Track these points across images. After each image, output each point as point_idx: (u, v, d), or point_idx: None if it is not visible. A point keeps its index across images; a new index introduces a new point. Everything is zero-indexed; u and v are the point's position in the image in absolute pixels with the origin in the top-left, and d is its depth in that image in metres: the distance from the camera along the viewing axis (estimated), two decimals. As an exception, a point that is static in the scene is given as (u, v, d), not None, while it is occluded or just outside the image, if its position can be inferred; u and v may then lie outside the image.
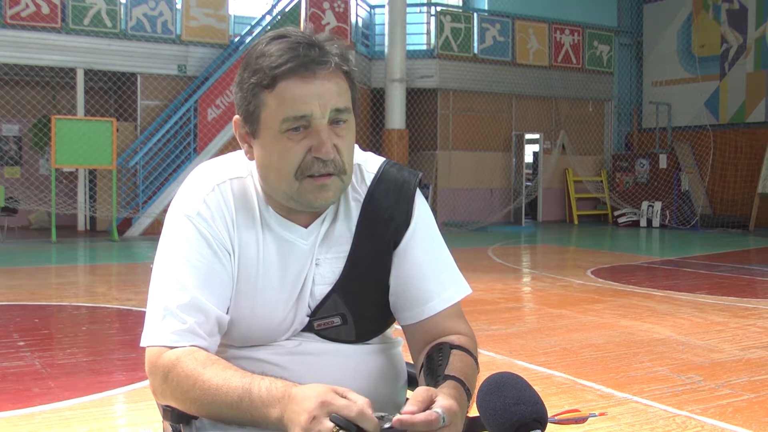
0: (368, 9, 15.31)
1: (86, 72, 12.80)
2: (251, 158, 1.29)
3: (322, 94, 1.20)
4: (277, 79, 1.19)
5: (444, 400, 1.06)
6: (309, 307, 1.31)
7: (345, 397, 1.03)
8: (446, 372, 1.20)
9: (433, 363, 1.24)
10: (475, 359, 1.30)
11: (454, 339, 1.30)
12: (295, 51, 1.20)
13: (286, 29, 1.25)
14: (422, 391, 1.07)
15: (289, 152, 1.22)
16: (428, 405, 1.05)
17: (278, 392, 1.09)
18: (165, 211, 1.80)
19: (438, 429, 1.02)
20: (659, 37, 17.20)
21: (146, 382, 1.26)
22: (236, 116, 1.28)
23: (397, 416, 1.01)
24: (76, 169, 12.55)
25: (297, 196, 1.25)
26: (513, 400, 0.99)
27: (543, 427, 0.99)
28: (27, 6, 12.11)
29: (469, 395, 1.18)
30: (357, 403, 1.00)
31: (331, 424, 1.00)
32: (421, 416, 1.01)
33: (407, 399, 1.45)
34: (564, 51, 16.73)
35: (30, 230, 13.29)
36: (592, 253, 10.87)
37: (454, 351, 1.26)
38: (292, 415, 1.04)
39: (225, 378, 1.14)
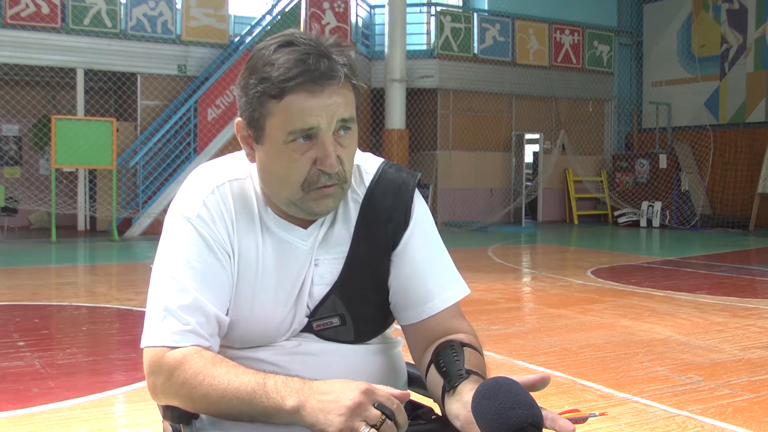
0: (368, 9, 15.31)
1: (86, 72, 12.80)
2: (252, 161, 1.29)
3: (329, 107, 1.20)
4: (286, 92, 1.19)
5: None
6: (308, 307, 1.31)
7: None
8: (467, 367, 1.20)
9: (446, 358, 1.23)
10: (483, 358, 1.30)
11: (463, 338, 1.30)
12: (305, 64, 1.18)
13: (293, 35, 1.23)
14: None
15: (294, 164, 1.22)
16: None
17: (296, 384, 1.11)
18: (165, 211, 1.80)
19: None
20: (659, 37, 17.19)
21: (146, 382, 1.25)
22: (239, 118, 1.28)
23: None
24: (76, 169, 12.55)
25: (299, 203, 1.26)
26: (509, 404, 0.99)
27: (539, 430, 0.99)
28: (27, 6, 12.11)
29: None
30: (396, 398, 1.07)
31: (377, 412, 1.03)
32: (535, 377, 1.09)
33: (408, 400, 1.45)
34: (564, 51, 16.73)
35: (30, 230, 13.30)
36: (592, 253, 10.87)
37: (466, 348, 1.26)
38: (322, 404, 1.06)
39: (237, 374, 1.15)
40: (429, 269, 1.34)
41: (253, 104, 1.22)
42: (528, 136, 16.10)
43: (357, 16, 14.80)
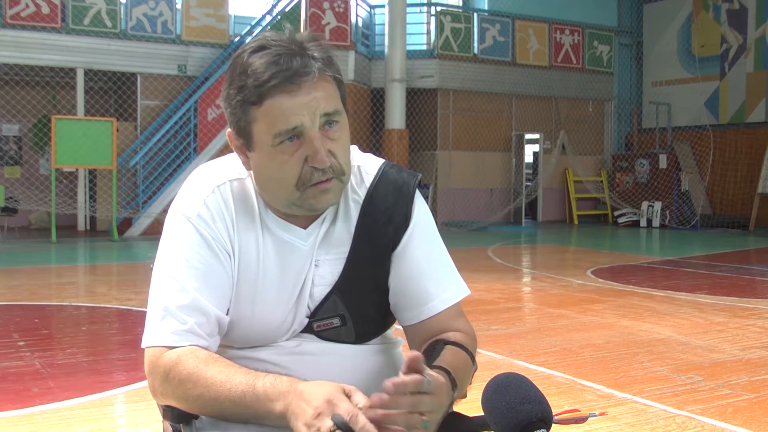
0: (368, 9, 15.31)
1: (86, 72, 12.81)
2: (249, 169, 1.30)
3: (309, 104, 1.20)
4: (264, 96, 1.19)
5: (432, 372, 1.07)
6: (308, 308, 1.32)
7: (351, 398, 1.06)
8: (435, 363, 1.20)
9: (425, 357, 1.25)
10: (472, 356, 1.30)
11: (450, 336, 1.31)
12: (277, 65, 1.19)
13: (265, 38, 1.23)
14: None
15: (286, 165, 1.22)
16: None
17: (283, 386, 1.10)
18: (165, 211, 1.81)
19: (422, 392, 1.04)
20: (659, 37, 17.19)
21: (146, 382, 1.26)
22: (229, 129, 1.29)
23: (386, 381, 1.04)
24: (76, 169, 12.55)
25: (299, 202, 1.26)
26: (518, 399, 1.00)
27: (548, 426, 0.99)
28: (27, 6, 12.11)
29: (454, 387, 1.18)
30: (356, 411, 1.03)
31: (330, 423, 1.02)
32: (405, 378, 1.04)
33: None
34: (564, 51, 16.74)
35: (30, 230, 13.29)
36: (592, 253, 10.87)
37: (447, 346, 1.26)
38: (298, 409, 1.06)
39: (228, 374, 1.15)
40: (429, 270, 1.34)
41: (237, 114, 1.23)
42: (528, 136, 16.11)
43: (357, 16, 14.80)
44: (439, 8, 15.42)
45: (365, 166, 1.37)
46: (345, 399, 1.05)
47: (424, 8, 15.67)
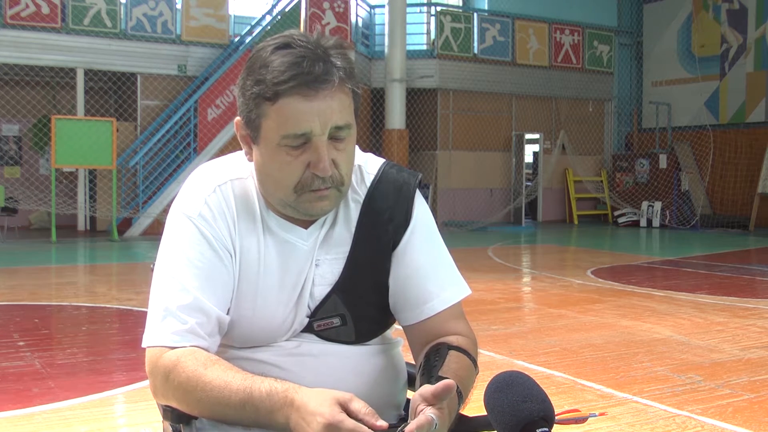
0: (368, 9, 15.30)
1: (86, 72, 12.80)
2: (251, 159, 1.30)
3: (323, 111, 1.19)
4: (279, 95, 1.19)
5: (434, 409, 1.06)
6: (309, 307, 1.31)
7: (350, 410, 1.03)
8: (440, 373, 1.20)
9: (428, 363, 1.25)
10: (474, 361, 1.30)
11: (452, 340, 1.30)
12: (299, 67, 1.18)
13: (291, 36, 1.23)
14: (416, 398, 1.07)
15: (288, 166, 1.22)
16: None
17: (279, 398, 1.10)
18: (165, 211, 1.81)
19: None
20: (659, 37, 17.19)
21: (146, 382, 1.26)
22: (238, 117, 1.29)
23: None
24: (76, 169, 12.55)
25: (294, 204, 1.26)
26: (520, 398, 1.00)
27: (550, 425, 0.99)
28: (27, 6, 12.10)
29: (460, 397, 1.18)
30: (364, 428, 1.01)
31: None
32: (412, 424, 1.01)
33: (408, 400, 1.46)
34: (564, 51, 16.73)
35: (30, 230, 13.29)
36: (592, 253, 10.87)
37: (451, 352, 1.26)
38: (299, 426, 1.06)
39: (227, 380, 1.15)
40: (429, 270, 1.34)
41: (249, 105, 1.23)
42: (528, 136, 16.10)
43: (357, 16, 14.79)
44: (439, 8, 15.41)
45: (366, 165, 1.37)
46: (346, 418, 1.02)
47: (424, 8, 15.67)
